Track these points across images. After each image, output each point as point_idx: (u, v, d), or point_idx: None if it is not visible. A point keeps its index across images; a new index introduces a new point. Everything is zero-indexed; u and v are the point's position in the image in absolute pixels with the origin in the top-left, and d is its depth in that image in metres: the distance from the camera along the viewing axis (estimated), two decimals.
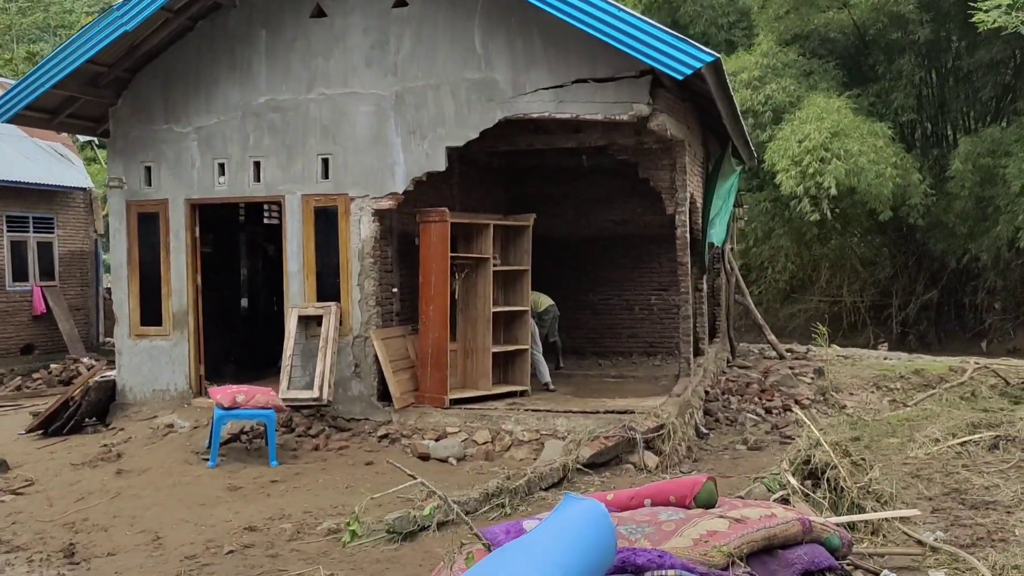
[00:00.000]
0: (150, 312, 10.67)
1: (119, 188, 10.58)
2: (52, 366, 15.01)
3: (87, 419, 10.44)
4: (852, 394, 13.88)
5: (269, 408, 8.81)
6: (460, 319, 10.54)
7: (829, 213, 19.77)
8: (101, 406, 10.64)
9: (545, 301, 12.42)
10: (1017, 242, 19.26)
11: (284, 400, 9.62)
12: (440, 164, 9.77)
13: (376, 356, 9.89)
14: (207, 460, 8.77)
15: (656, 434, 8.95)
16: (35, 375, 14.78)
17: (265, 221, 14.42)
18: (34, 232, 16.53)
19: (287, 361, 9.83)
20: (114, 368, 10.87)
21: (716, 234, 14.54)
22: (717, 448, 10.13)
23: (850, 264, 26.85)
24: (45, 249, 16.76)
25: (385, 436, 9.75)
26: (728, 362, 16.03)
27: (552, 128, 11.87)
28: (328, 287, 10.11)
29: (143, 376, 10.72)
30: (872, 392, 13.89)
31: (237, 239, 13.72)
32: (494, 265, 10.40)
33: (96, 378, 10.45)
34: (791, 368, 15.44)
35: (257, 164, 10.28)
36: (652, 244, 14.57)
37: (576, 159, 14.01)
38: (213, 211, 11.35)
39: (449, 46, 9.71)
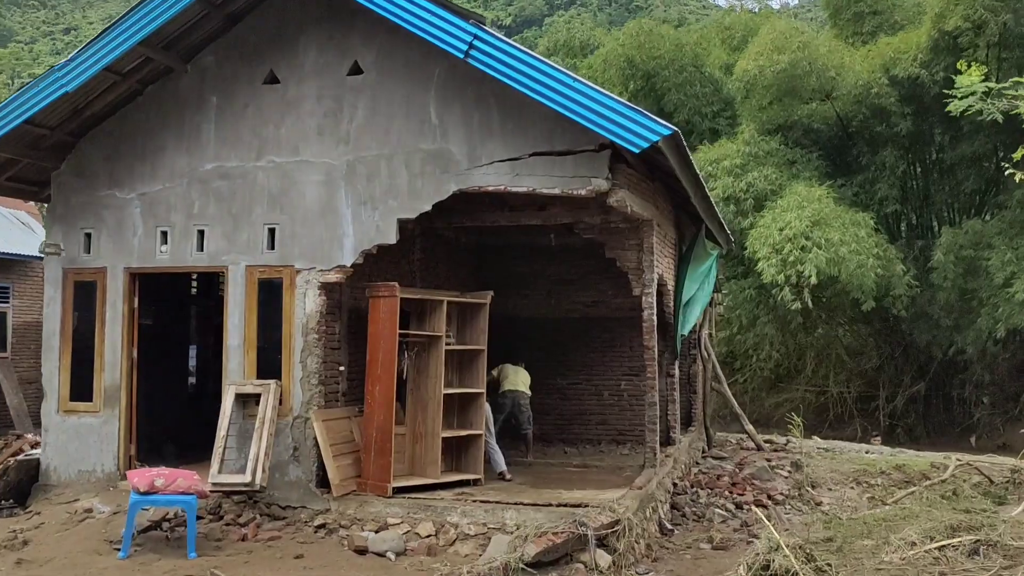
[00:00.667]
0: (81, 386, 10.05)
1: (56, 255, 10.08)
2: (14, 442, 14.22)
3: (3, 501, 9.71)
4: (831, 489, 13.22)
5: (190, 493, 8.14)
6: (409, 401, 9.94)
7: (810, 302, 19.41)
8: (22, 487, 9.93)
9: (512, 382, 11.83)
10: (995, 333, 18.88)
11: (215, 485, 8.96)
12: (391, 237, 9.31)
13: (316, 439, 9.25)
14: (120, 550, 8.06)
15: (610, 530, 8.27)
16: None
17: (221, 294, 13.88)
18: None
19: (220, 442, 9.18)
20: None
21: (690, 319, 14.08)
22: (680, 546, 9.44)
23: (836, 353, 26.48)
24: None
25: (322, 526, 9.05)
26: (703, 452, 15.38)
27: (517, 204, 11.49)
28: (270, 363, 9.54)
29: (69, 456, 10.03)
30: (851, 488, 13.23)
31: (187, 312, 13.17)
32: (447, 344, 9.86)
33: (18, 457, 9.75)
34: (768, 460, 14.78)
35: (201, 232, 9.82)
36: (623, 327, 14.05)
37: (545, 238, 13.64)
38: (159, 282, 10.85)
39: (404, 116, 9.36)
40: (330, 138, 9.54)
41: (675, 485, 11.76)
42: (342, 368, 9.89)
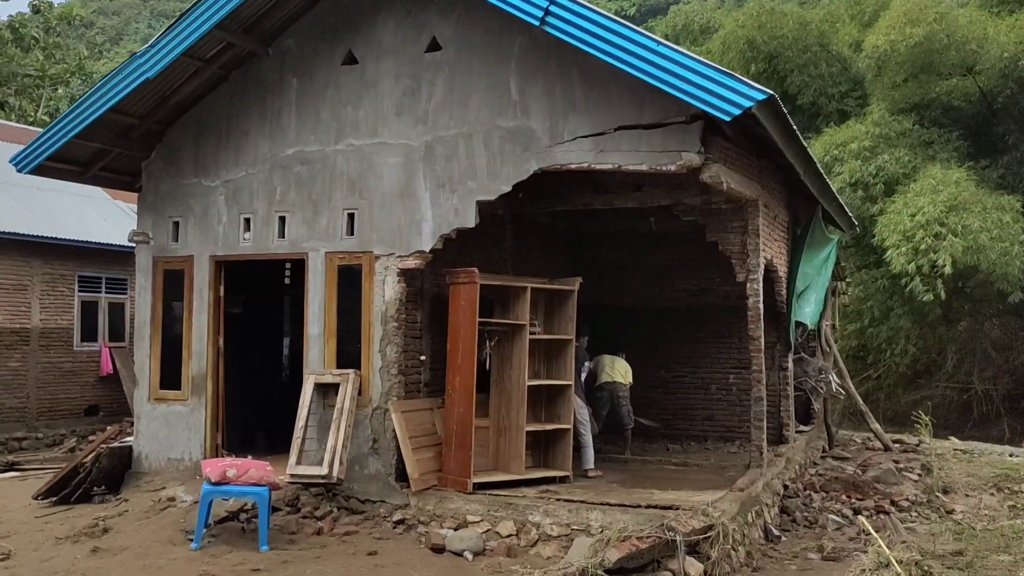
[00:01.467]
0: (170, 374, 10.06)
1: (145, 243, 10.11)
2: (108, 428, 14.66)
3: (96, 487, 9.80)
4: (967, 495, 11.98)
5: (263, 485, 7.91)
6: (493, 392, 9.47)
7: (943, 293, 17.92)
8: (115, 474, 10.01)
9: (609, 374, 11.21)
10: None
11: (292, 476, 8.75)
12: (470, 220, 8.85)
13: (395, 431, 8.90)
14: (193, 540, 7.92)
15: (703, 536, 7.55)
16: (91, 437, 14.45)
17: None
18: (106, 293, 16.46)
19: (299, 433, 8.95)
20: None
21: (807, 309, 13.07)
22: (786, 555, 8.61)
23: (981, 348, 24.57)
24: (117, 310, 16.66)
25: (400, 522, 8.70)
26: (823, 452, 14.30)
27: (611, 186, 10.86)
28: (349, 353, 9.25)
29: (159, 443, 10.06)
30: (991, 494, 11.96)
31: (279, 301, 13.12)
32: (532, 333, 9.34)
33: (109, 444, 9.82)
34: (896, 462, 13.59)
35: (282, 219, 9.63)
36: (732, 316, 13.15)
37: (644, 222, 12.94)
38: (251, 271, 10.75)
39: (483, 92, 8.88)
40: (408, 118, 9.16)
41: (786, 487, 10.86)
42: (423, 358, 9.52)
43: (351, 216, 9.34)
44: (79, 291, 16.03)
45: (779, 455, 11.42)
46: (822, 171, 11.04)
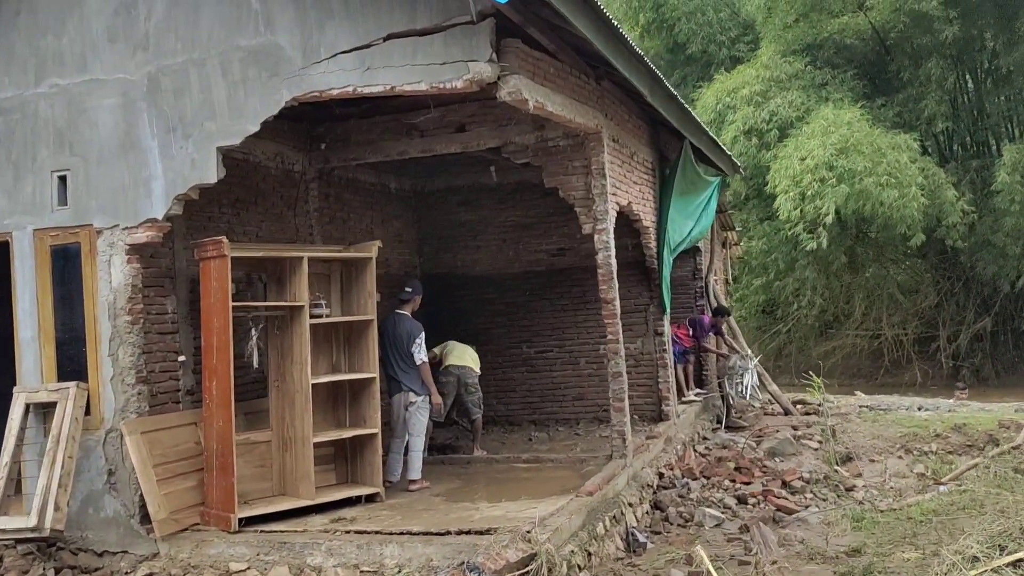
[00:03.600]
0: None
1: None
2: None
3: None
4: (873, 460, 10.43)
5: None
6: (273, 396, 7.38)
7: (824, 242, 16.74)
8: None
9: (458, 356, 9.26)
10: None
11: None
12: (211, 173, 6.69)
13: (132, 459, 6.74)
14: None
15: (522, 571, 5.64)
16: None
17: None
18: None
19: (2, 472, 6.73)
20: None
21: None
22: (646, 571, 6.76)
23: (888, 294, 23.75)
24: None
25: None
26: (719, 422, 12.63)
27: (428, 128, 8.83)
28: (73, 360, 7.04)
29: None
30: (899, 457, 10.42)
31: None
32: (316, 316, 7.27)
33: None
34: (794, 429, 12.01)
35: None
36: (596, 278, 11.31)
37: (489, 174, 10.97)
38: None
39: (216, 3, 6.70)
40: (124, 45, 6.92)
41: (661, 476, 9.08)
42: (182, 359, 7.36)
43: (62, 179, 7.09)
44: None
45: (654, 436, 9.68)
46: (675, 94, 9.17)
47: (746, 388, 12.58)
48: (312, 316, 7.22)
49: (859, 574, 6.11)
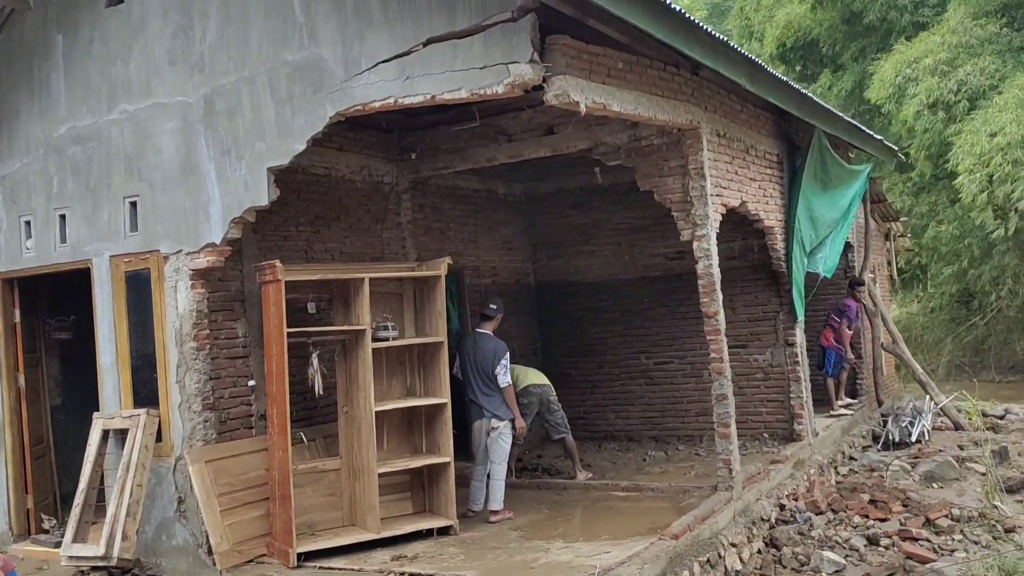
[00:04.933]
0: None
1: None
2: None
3: None
4: None
5: None
6: (342, 423, 7.09)
7: (1012, 229, 14.72)
8: None
9: (533, 376, 8.70)
10: None
11: (69, 559, 6.61)
12: (262, 196, 6.44)
13: (195, 488, 6.63)
14: None
15: None
16: None
17: None
18: None
19: (79, 499, 6.80)
20: None
21: (822, 261, 10.24)
22: None
23: None
24: None
25: None
26: (875, 439, 11.37)
27: (515, 132, 8.31)
28: (147, 386, 7.03)
29: None
30: None
31: None
32: (381, 339, 6.90)
33: None
34: (960, 448, 10.59)
35: (63, 217, 7.47)
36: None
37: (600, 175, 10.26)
38: (79, 285, 8.63)
39: (263, 18, 6.43)
40: (182, 66, 6.80)
41: (782, 508, 8.13)
42: (251, 383, 7.19)
43: (133, 205, 7.08)
44: None
45: (778, 461, 8.71)
46: (785, 79, 8.17)
47: (914, 432, 11.07)
48: (378, 339, 6.87)
49: None
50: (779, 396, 9.98)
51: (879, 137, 12.08)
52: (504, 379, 7.47)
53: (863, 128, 11.25)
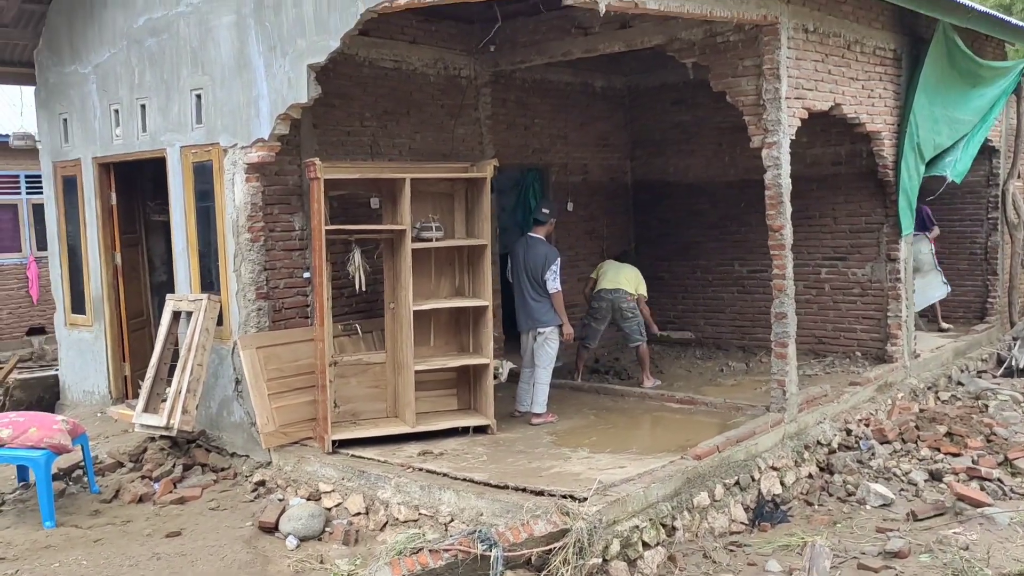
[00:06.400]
0: (77, 297, 8.85)
1: (25, 147, 8.80)
2: (12, 357, 11.70)
3: None
4: None
5: (41, 447, 6.43)
6: (388, 319, 7.26)
7: None
8: (44, 405, 9.06)
9: (611, 279, 8.56)
10: None
11: (141, 426, 7.23)
12: (302, 93, 6.48)
13: (246, 372, 7.03)
14: None
15: (545, 548, 5.06)
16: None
17: None
18: (27, 194, 13.80)
19: (151, 372, 7.36)
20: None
21: (951, 165, 9.39)
22: (738, 558, 5.79)
23: None
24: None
25: (261, 483, 6.95)
26: (1000, 363, 10.57)
27: (590, 25, 7.93)
28: (210, 272, 7.43)
29: (75, 373, 8.99)
30: None
31: None
32: (423, 240, 6.94)
33: (16, 375, 8.87)
34: None
35: (143, 107, 7.83)
36: (823, 189, 9.73)
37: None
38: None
39: None
40: None
41: (848, 433, 7.75)
42: (306, 275, 7.45)
43: (199, 97, 7.32)
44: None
45: (857, 383, 8.27)
46: None
47: None
48: (421, 239, 6.91)
49: None
50: (877, 314, 9.37)
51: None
52: (553, 284, 7.38)
53: (1010, 20, 9.96)
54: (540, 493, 5.60)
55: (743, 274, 10.27)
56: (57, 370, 9.34)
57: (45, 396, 9.16)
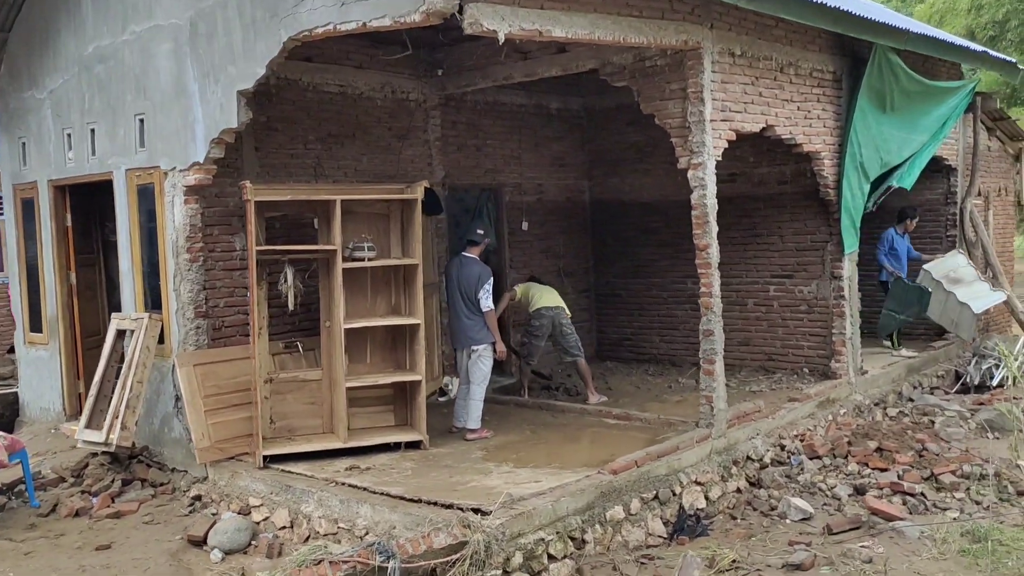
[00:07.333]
0: (34, 316, 9.07)
1: (3, 169, 9.08)
2: None
3: None
4: None
5: None
6: (323, 337, 7.44)
7: None
8: (2, 424, 9.26)
9: (547, 299, 8.72)
10: None
11: (82, 441, 7.42)
12: (232, 118, 6.69)
13: (182, 388, 7.20)
14: None
15: (444, 560, 5.20)
16: None
17: None
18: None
19: (93, 389, 7.56)
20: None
21: (897, 177, 9.53)
22: (655, 568, 5.91)
23: None
24: None
25: (197, 498, 7.12)
26: (957, 378, 10.67)
27: (531, 50, 8.13)
28: (154, 291, 7.63)
29: (33, 391, 9.21)
30: None
31: None
32: (358, 259, 7.12)
33: None
34: None
35: (93, 131, 8.07)
36: (770, 208, 9.87)
37: None
38: None
39: None
40: None
41: (782, 448, 7.86)
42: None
43: (142, 122, 7.55)
44: None
45: (796, 400, 8.37)
46: None
47: (997, 376, 10.25)
48: (354, 259, 7.10)
49: None
50: (822, 331, 9.47)
51: (980, 49, 10.79)
52: (486, 303, 7.54)
53: (955, 41, 10.11)
54: (449, 506, 5.74)
55: (695, 292, 10.30)
56: (18, 388, 9.54)
57: (5, 413, 9.36)
